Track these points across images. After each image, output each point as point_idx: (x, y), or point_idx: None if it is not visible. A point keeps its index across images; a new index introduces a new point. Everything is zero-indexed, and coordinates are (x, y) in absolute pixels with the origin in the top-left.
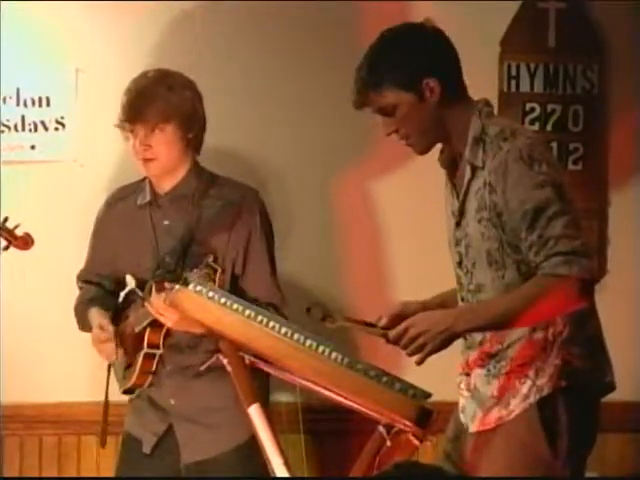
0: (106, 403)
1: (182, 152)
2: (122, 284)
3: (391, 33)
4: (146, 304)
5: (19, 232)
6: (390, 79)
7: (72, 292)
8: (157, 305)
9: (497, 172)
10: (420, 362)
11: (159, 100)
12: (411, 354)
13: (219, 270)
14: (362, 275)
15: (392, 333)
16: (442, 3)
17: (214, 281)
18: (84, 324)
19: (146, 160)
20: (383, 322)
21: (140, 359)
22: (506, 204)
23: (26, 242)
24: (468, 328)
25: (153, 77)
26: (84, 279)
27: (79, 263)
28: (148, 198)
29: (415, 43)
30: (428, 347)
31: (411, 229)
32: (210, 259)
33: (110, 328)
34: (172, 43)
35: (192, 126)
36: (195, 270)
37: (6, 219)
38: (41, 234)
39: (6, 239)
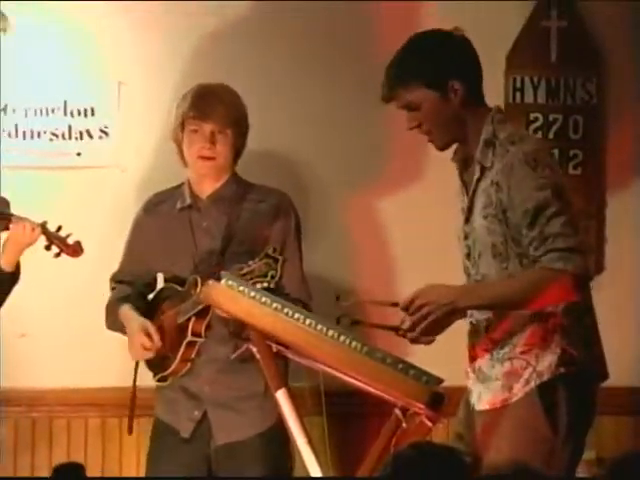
0: (134, 392)
1: (232, 158)
2: (152, 285)
3: (422, 36)
4: (196, 295)
5: (70, 241)
6: (418, 77)
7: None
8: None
9: (504, 172)
10: (427, 342)
11: (229, 104)
12: (416, 323)
13: (280, 260)
14: (374, 271)
15: (402, 302)
16: (453, 22)
17: (275, 270)
18: (113, 321)
19: (206, 158)
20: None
21: (182, 347)
22: (510, 202)
23: (76, 250)
24: (470, 305)
25: (219, 84)
26: (118, 280)
27: (117, 263)
28: (189, 201)
29: (444, 46)
30: (431, 317)
31: (418, 230)
32: (270, 250)
33: (157, 337)
34: (206, 58)
35: (244, 136)
36: (255, 260)
37: (59, 228)
38: (84, 235)
39: (58, 247)
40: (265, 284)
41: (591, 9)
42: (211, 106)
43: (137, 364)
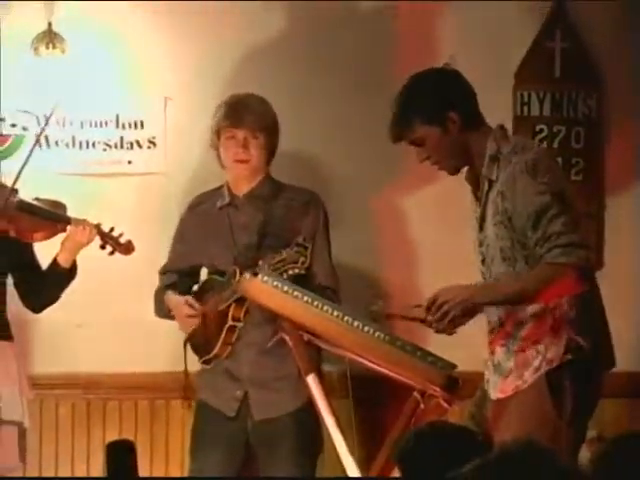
0: (186, 372)
1: (265, 160)
2: (196, 277)
3: (417, 78)
4: (235, 285)
5: (122, 240)
6: (419, 117)
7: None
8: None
9: (507, 182)
10: (450, 332)
11: (259, 111)
12: (438, 320)
13: (309, 247)
14: (396, 262)
15: (425, 302)
16: (467, 43)
17: (305, 257)
18: (161, 308)
19: (241, 161)
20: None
21: (224, 332)
22: (515, 208)
23: (128, 249)
24: (485, 301)
25: (249, 94)
26: (165, 273)
27: (164, 258)
28: (227, 200)
29: (438, 84)
30: (451, 314)
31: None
32: (300, 239)
33: (197, 305)
34: (243, 72)
35: (274, 139)
36: (287, 249)
37: (112, 229)
38: (134, 234)
39: (112, 246)
40: (297, 270)
41: (591, 31)
42: (243, 114)
43: (186, 348)
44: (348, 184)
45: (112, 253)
